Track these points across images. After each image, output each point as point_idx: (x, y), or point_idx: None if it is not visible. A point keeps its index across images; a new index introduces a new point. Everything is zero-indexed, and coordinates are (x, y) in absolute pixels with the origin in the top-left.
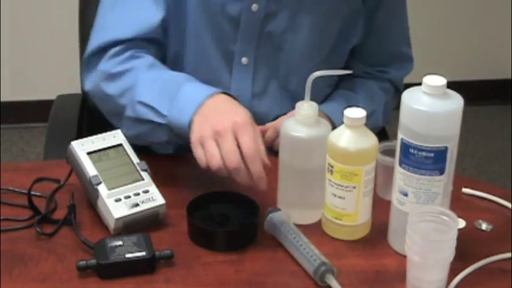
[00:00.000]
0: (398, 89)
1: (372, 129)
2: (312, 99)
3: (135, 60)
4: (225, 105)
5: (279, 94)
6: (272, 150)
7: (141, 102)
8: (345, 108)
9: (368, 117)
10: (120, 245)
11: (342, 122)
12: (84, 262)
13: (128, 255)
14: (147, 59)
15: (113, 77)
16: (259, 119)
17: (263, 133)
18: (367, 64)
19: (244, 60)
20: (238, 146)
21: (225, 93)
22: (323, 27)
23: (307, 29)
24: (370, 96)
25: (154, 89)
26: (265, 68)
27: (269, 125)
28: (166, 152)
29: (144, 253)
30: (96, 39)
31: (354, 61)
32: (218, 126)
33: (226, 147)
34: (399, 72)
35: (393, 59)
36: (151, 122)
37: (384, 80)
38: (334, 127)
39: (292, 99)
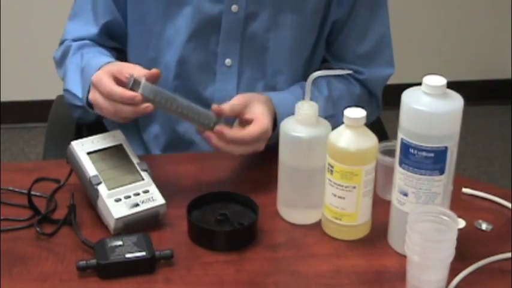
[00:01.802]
0: (372, 94)
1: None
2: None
3: (71, 44)
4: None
5: None
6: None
7: (66, 90)
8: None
9: (327, 118)
10: (120, 245)
11: (287, 114)
12: (84, 262)
13: (128, 255)
14: (80, 42)
15: (57, 62)
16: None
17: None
18: (341, 61)
19: (227, 61)
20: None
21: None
22: (306, 23)
23: (290, 26)
24: (333, 100)
25: (75, 74)
26: (251, 69)
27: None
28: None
29: (144, 253)
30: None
31: (331, 59)
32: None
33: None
34: (375, 74)
35: (371, 59)
36: (78, 106)
37: (355, 82)
38: (275, 118)
39: None
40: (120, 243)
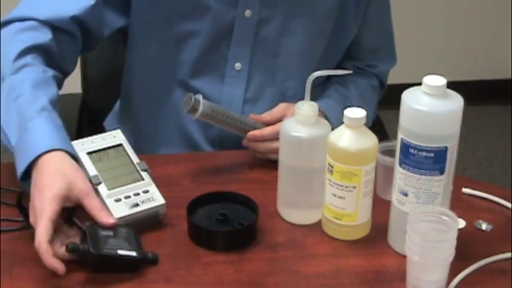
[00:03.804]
0: (383, 84)
1: None
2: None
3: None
4: (47, 175)
5: (276, 100)
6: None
7: None
8: (341, 105)
9: None
10: (111, 236)
11: (337, 119)
12: (77, 244)
13: (120, 252)
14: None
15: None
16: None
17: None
18: (357, 59)
19: (237, 65)
20: None
21: (65, 150)
22: (317, 29)
23: (302, 32)
24: (362, 95)
25: (12, 109)
26: (261, 74)
27: (267, 127)
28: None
29: (134, 253)
30: (16, 12)
31: (345, 57)
32: (35, 210)
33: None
34: (385, 66)
35: (381, 53)
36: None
37: (372, 76)
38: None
39: None
40: (111, 233)
